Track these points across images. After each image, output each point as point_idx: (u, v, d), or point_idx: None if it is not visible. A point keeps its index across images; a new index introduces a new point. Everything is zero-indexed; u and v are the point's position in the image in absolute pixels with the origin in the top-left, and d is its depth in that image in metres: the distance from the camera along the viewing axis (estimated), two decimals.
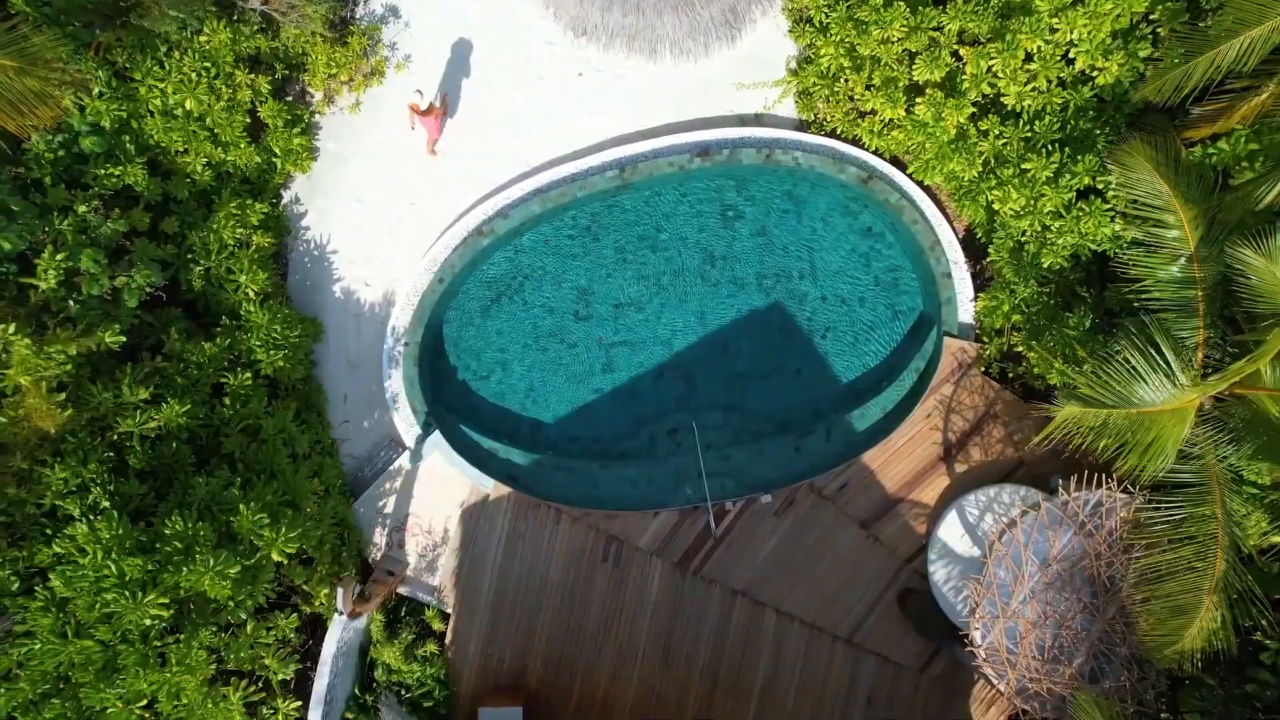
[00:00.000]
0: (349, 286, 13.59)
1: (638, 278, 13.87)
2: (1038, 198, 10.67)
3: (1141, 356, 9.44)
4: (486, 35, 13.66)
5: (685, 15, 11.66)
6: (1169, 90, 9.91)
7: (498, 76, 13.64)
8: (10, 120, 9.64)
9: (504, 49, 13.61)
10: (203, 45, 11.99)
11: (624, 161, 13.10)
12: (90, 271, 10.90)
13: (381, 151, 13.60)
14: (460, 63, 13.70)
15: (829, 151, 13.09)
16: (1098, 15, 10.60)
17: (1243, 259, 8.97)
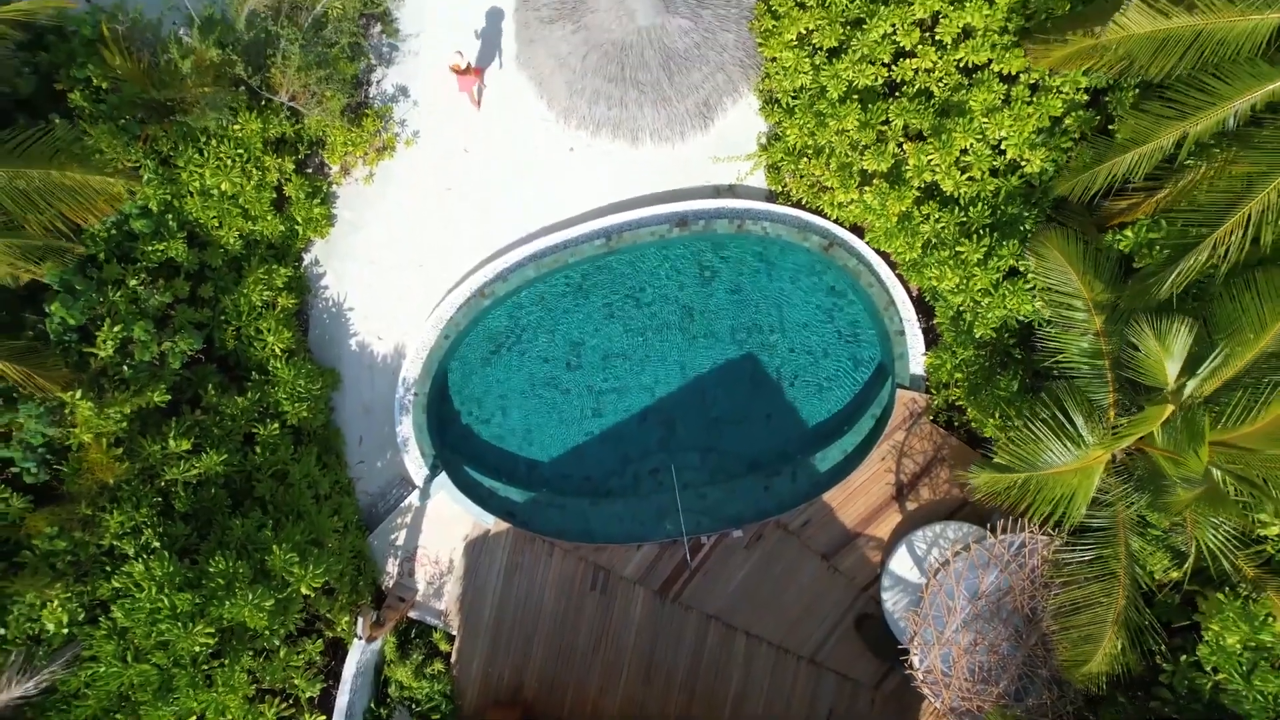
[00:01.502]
0: (364, 340, 15.12)
1: (624, 331, 15.39)
2: (969, 277, 12.19)
3: (1052, 425, 10.93)
4: (487, 113, 15.18)
5: (663, 109, 13.16)
6: (1079, 190, 11.43)
7: (497, 150, 15.15)
8: (76, 214, 11.13)
9: (503, 126, 15.12)
10: (236, 133, 13.53)
11: (610, 230, 14.62)
12: (141, 340, 12.46)
13: (392, 219, 15.13)
14: (463, 138, 15.22)
15: (794, 221, 14.59)
16: (1021, 117, 12.11)
17: (1132, 345, 10.46)
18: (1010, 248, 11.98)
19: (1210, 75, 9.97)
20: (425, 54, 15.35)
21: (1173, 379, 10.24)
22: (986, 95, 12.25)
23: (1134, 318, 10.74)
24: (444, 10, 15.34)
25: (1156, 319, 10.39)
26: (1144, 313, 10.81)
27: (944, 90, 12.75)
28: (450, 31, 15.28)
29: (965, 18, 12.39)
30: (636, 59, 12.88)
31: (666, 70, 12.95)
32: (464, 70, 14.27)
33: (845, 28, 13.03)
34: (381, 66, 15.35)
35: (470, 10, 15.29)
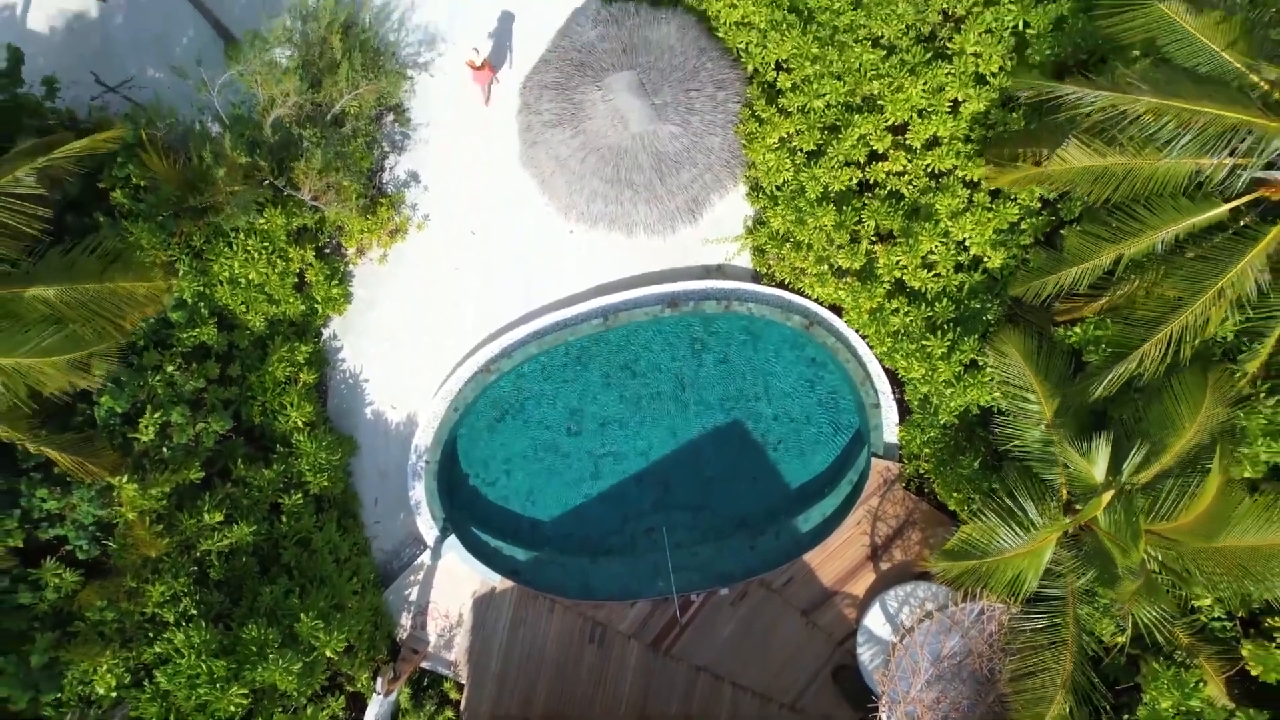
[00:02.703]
0: (379, 409, 16.30)
1: (620, 399, 16.58)
2: (934, 369, 13.38)
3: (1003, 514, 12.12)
4: (493, 198, 16.34)
5: (656, 206, 14.33)
6: (1032, 294, 12.59)
7: (502, 233, 16.33)
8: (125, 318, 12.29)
9: (507, 210, 16.28)
10: (261, 227, 14.71)
11: (607, 310, 15.79)
12: (178, 423, 13.66)
13: (405, 297, 16.30)
14: (470, 221, 16.39)
15: (778, 301, 15.75)
16: (982, 221, 13.29)
17: (1066, 451, 11.65)
18: (971, 344, 13.16)
19: (1141, 206, 11.14)
20: (435, 141, 16.52)
21: (1100, 480, 11.43)
22: (951, 200, 13.42)
23: (1062, 436, 11.98)
24: (452, 103, 16.51)
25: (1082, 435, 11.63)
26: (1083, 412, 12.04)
27: (913, 192, 13.92)
28: (458, 123, 16.46)
29: (932, 128, 13.55)
30: (631, 161, 14.05)
31: (658, 172, 14.12)
32: (479, 67, 15.51)
33: (823, 133, 14.19)
34: (394, 153, 16.52)
35: (477, 105, 16.47)
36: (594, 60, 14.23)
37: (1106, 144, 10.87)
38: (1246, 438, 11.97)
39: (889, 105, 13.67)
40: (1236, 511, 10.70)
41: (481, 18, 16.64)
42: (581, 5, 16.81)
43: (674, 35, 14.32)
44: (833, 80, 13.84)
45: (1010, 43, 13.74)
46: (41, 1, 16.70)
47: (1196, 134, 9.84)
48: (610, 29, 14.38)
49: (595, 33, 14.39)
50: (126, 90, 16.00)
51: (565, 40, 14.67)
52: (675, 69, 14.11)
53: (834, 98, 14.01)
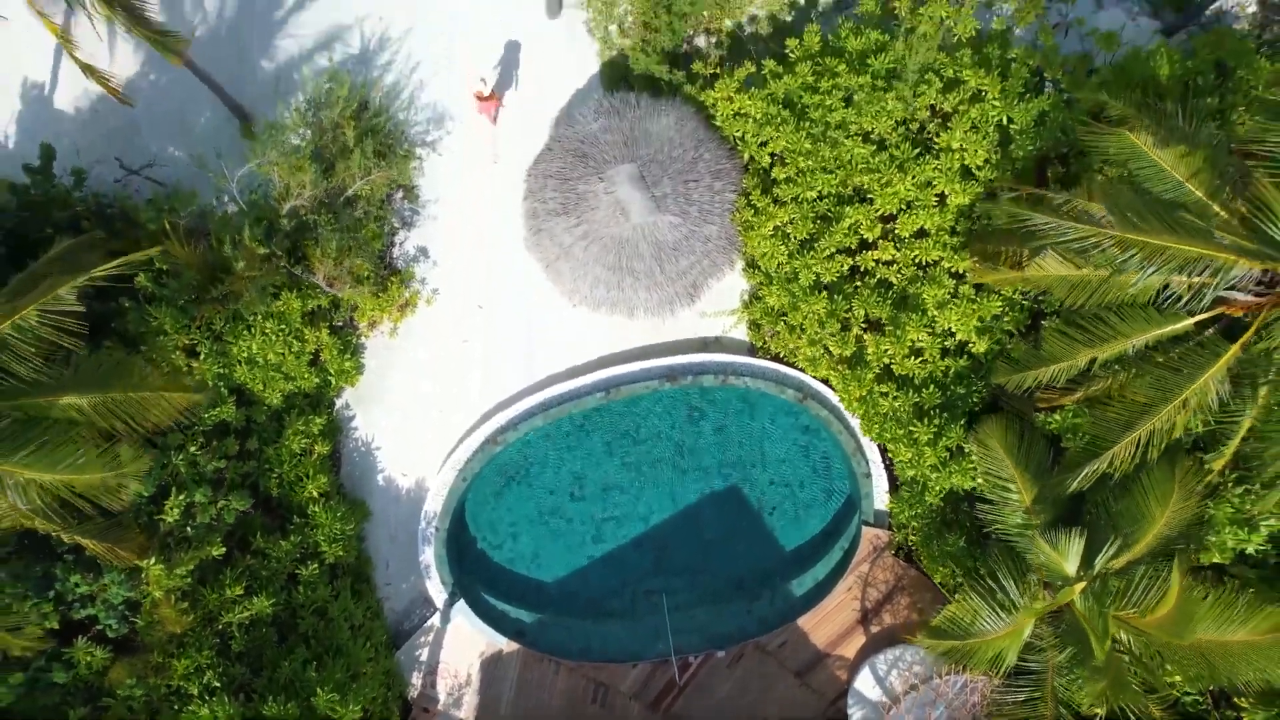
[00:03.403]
0: (390, 476, 16.99)
1: (621, 465, 17.26)
2: (920, 454, 14.04)
3: (984, 594, 12.79)
4: (499, 274, 17.02)
5: (655, 292, 14.98)
6: (1013, 385, 13.24)
7: (508, 307, 17.00)
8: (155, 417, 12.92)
9: (513, 285, 16.96)
10: (279, 309, 15.38)
11: (608, 384, 16.47)
12: (201, 503, 14.36)
13: (415, 368, 16.97)
14: (477, 296, 17.07)
15: (773, 374, 16.41)
16: (967, 313, 13.93)
17: (1039, 545, 12.32)
18: (956, 431, 13.82)
19: (1114, 315, 11.79)
20: (444, 218, 17.21)
21: (1073, 573, 12.11)
22: (937, 290, 14.05)
23: (1035, 531, 12.66)
24: (460, 181, 17.19)
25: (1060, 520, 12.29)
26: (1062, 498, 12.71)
27: (901, 280, 14.56)
28: (466, 201, 17.15)
29: (919, 221, 14.20)
30: (632, 250, 14.70)
31: (658, 260, 14.77)
32: (487, 96, 16.32)
33: (815, 222, 14.84)
34: (404, 229, 17.20)
35: (484, 186, 17.15)
36: (596, 151, 14.88)
37: (1080, 253, 11.51)
38: (1215, 526, 12.66)
39: (878, 198, 14.32)
40: (1198, 612, 11.35)
41: (485, 53, 17.49)
42: (584, 85, 17.58)
43: (673, 127, 14.96)
44: (824, 174, 14.48)
45: (994, 137, 14.39)
46: (69, 81, 17.40)
47: (1161, 264, 10.48)
48: (612, 120, 15.02)
49: (598, 124, 15.03)
50: (148, 172, 16.69)
51: (569, 130, 15.30)
52: (674, 160, 14.76)
53: (826, 188, 14.65)
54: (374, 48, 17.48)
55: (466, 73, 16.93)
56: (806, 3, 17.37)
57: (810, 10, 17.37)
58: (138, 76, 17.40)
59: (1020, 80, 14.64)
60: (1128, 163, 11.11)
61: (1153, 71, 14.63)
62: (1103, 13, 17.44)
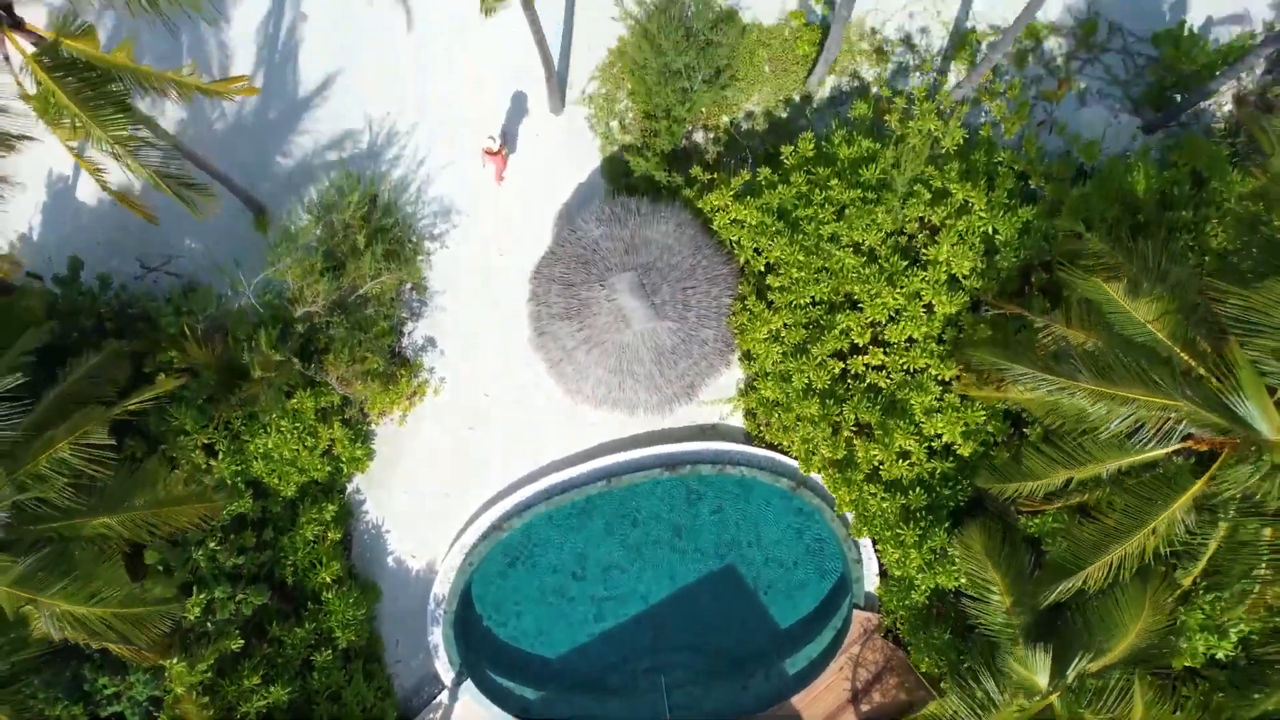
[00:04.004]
0: (400, 557, 17.66)
1: (622, 546, 17.93)
2: (907, 555, 14.71)
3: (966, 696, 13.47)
4: (504, 364, 17.67)
5: (655, 393, 15.65)
6: (996, 492, 13.91)
7: (512, 395, 17.66)
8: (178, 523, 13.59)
9: (517, 376, 17.61)
10: (293, 407, 16.03)
11: (608, 472, 17.16)
12: (220, 599, 15.03)
13: (423, 454, 17.63)
14: (483, 384, 17.73)
15: (768, 463, 17.07)
16: (952, 420, 14.58)
17: (1009, 662, 13.03)
18: (940, 536, 14.49)
19: (1090, 440, 12.44)
20: (451, 309, 17.84)
21: (1044, 685, 12.80)
22: (924, 397, 14.69)
23: (1001, 655, 13.35)
24: (467, 274, 17.84)
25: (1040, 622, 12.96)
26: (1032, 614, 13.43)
27: (890, 385, 15.20)
28: (472, 292, 17.79)
29: (908, 331, 14.84)
30: (632, 354, 15.35)
31: (658, 363, 15.42)
32: (495, 152, 17.00)
33: (808, 328, 15.48)
34: (412, 320, 17.84)
35: (490, 278, 17.81)
36: (598, 258, 15.52)
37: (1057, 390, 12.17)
38: (1186, 632, 13.34)
39: (868, 307, 14.97)
40: None
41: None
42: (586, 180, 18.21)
43: (672, 234, 15.60)
44: (816, 284, 15.12)
45: (980, 249, 15.03)
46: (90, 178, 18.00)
47: (1129, 414, 11.15)
48: (613, 228, 15.65)
49: (599, 232, 15.67)
50: (167, 268, 17.33)
51: (572, 235, 15.94)
52: (673, 268, 15.40)
53: (819, 295, 15.29)
54: (382, 142, 18.10)
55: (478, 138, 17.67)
56: (801, 100, 17.99)
57: (805, 108, 17.99)
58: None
59: (1005, 190, 15.30)
60: (1102, 306, 11.75)
61: (1131, 186, 15.31)
62: (1086, 109, 18.05)
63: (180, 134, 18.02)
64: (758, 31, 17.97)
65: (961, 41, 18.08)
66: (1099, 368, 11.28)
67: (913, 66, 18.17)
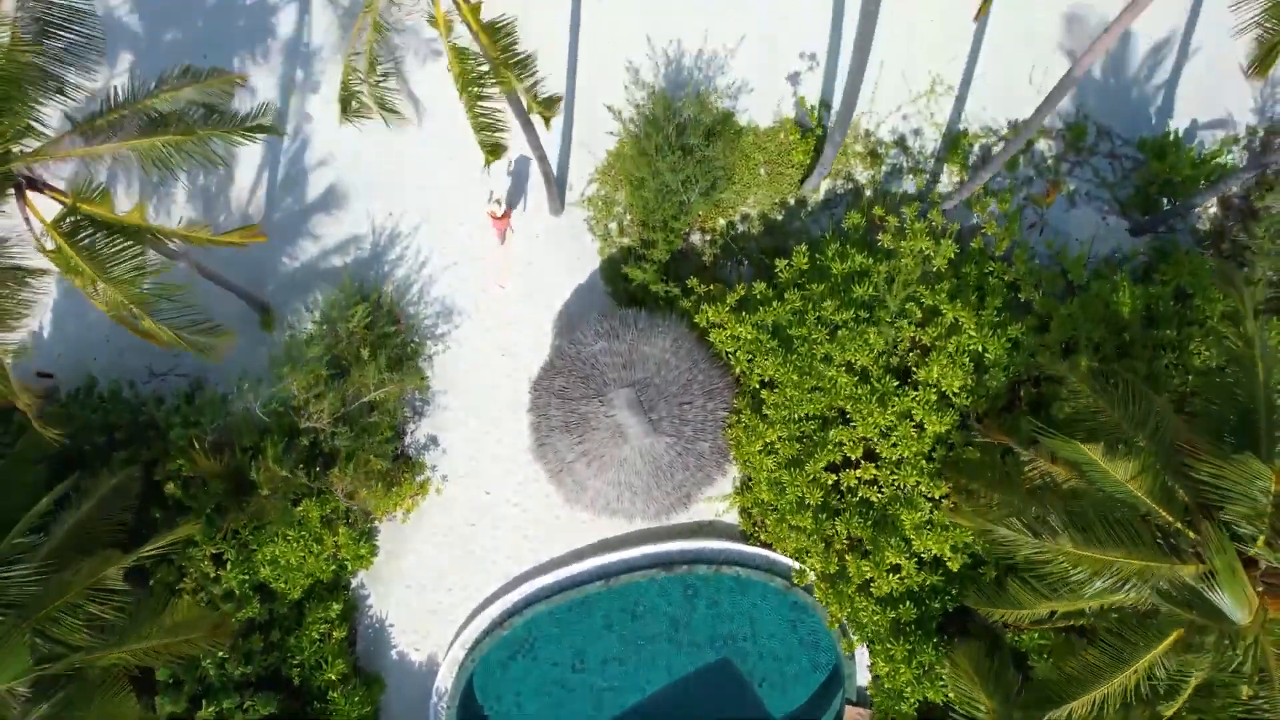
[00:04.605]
0: (403, 650, 18.04)
1: (620, 640, 18.34)
2: (897, 670, 15.12)
3: None
4: (505, 463, 18.06)
5: (652, 504, 16.05)
6: (984, 612, 14.31)
7: (512, 492, 18.04)
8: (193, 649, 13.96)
9: (517, 475, 18.00)
10: (299, 515, 16.40)
11: (607, 572, 17.58)
12: (229, 708, 15.43)
13: (426, 550, 18.02)
14: (484, 481, 18.12)
15: (764, 563, 17.50)
16: (940, 538, 14.98)
17: None
18: (929, 653, 14.91)
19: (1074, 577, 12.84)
20: (453, 408, 18.22)
21: None
22: (915, 515, 15.08)
23: None
24: (469, 374, 18.21)
25: None
26: None
27: (881, 499, 15.59)
28: (474, 392, 18.16)
29: (899, 450, 15.22)
30: (630, 468, 15.74)
31: (655, 477, 15.81)
32: (500, 217, 17.44)
33: (801, 442, 15.86)
34: (415, 418, 18.21)
35: (491, 378, 18.19)
36: (596, 373, 15.89)
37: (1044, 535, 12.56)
38: None
39: (860, 426, 15.35)
40: None
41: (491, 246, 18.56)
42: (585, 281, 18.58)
43: (669, 349, 15.97)
44: (809, 403, 15.49)
45: (970, 367, 15.41)
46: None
47: (1110, 577, 11.56)
48: (611, 342, 16.02)
49: (598, 346, 16.04)
50: (175, 373, 17.67)
51: (571, 348, 16.30)
52: (670, 383, 15.78)
53: (812, 410, 15.66)
54: (385, 243, 18.46)
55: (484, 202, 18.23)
56: (796, 203, 18.36)
57: (799, 210, 18.37)
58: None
59: (995, 307, 15.67)
60: (1081, 465, 12.15)
61: (1116, 306, 15.71)
62: (1075, 210, 18.45)
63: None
64: (753, 135, 18.34)
65: (954, 143, 18.46)
66: (1081, 523, 11.67)
67: (906, 169, 18.55)
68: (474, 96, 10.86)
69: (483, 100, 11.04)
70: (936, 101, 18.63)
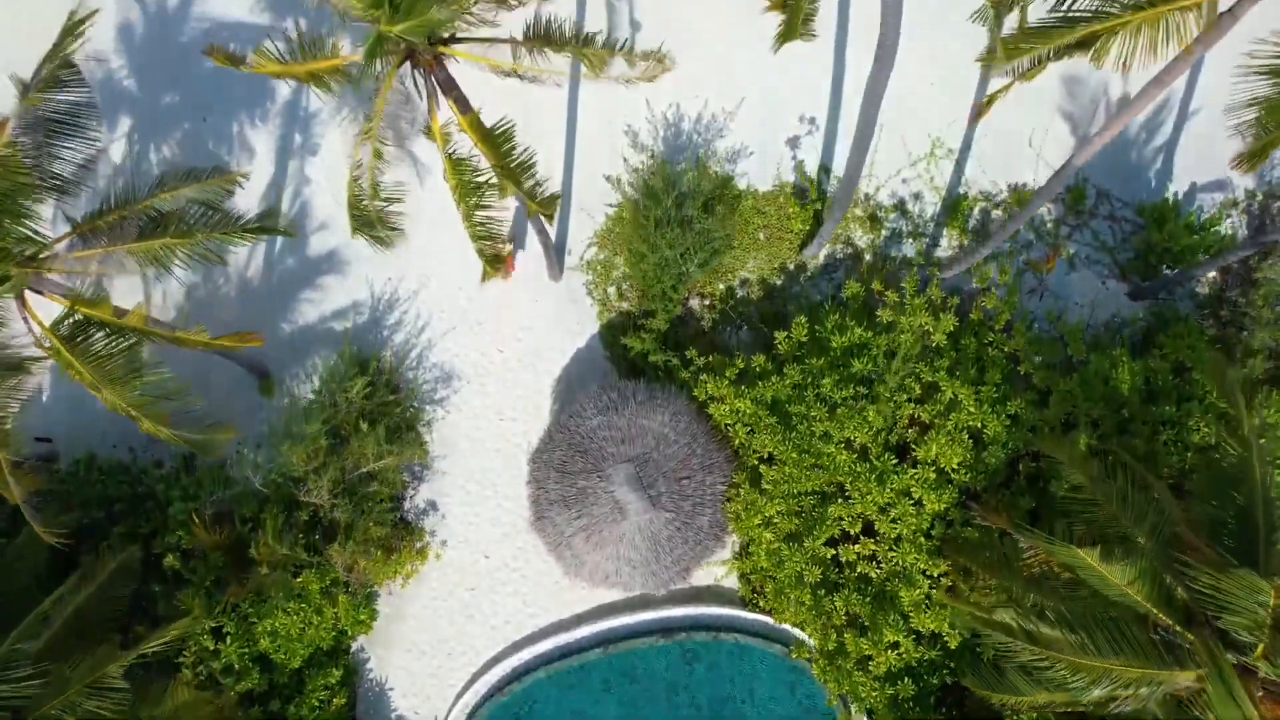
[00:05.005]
0: (403, 714, 18.05)
1: (619, 702, 18.35)
2: None
3: None
4: (504, 528, 18.07)
5: (651, 578, 16.09)
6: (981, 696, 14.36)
7: (511, 556, 18.06)
8: None
9: (519, 539, 18.01)
10: (299, 587, 16.41)
11: (606, 637, 17.63)
12: None
13: (425, 614, 18.04)
14: (483, 546, 18.13)
15: (762, 628, 17.53)
16: (939, 615, 15.01)
17: None
18: None
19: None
20: (452, 473, 18.23)
21: None
22: (913, 592, 15.12)
23: None
24: (468, 439, 18.22)
25: None
26: None
27: (880, 575, 15.62)
28: (473, 456, 18.17)
29: (897, 529, 15.25)
30: (629, 543, 15.76)
31: (654, 551, 15.84)
32: (505, 256, 17.55)
33: (800, 517, 15.87)
34: (414, 483, 18.22)
35: (490, 442, 18.20)
36: (594, 447, 15.89)
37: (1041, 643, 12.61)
38: None
39: (858, 503, 15.37)
40: None
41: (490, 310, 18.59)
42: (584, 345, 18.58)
43: (668, 424, 15.96)
44: (808, 480, 15.51)
45: (969, 444, 15.42)
46: None
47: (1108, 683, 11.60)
48: (610, 416, 16.01)
49: (596, 421, 16.04)
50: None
51: (570, 421, 16.30)
52: (669, 459, 15.79)
53: (811, 486, 15.67)
54: (384, 308, 18.45)
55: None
56: (795, 268, 18.36)
57: (799, 274, 18.36)
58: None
59: (994, 383, 15.67)
60: (1079, 570, 12.17)
61: (1116, 382, 15.72)
62: (1075, 274, 18.45)
63: (189, 295, 18.45)
64: (752, 199, 18.33)
65: (954, 208, 18.45)
66: (1080, 623, 11.70)
67: (906, 233, 18.55)
68: (471, 207, 10.83)
69: (481, 209, 11.01)
70: (936, 165, 18.62)
